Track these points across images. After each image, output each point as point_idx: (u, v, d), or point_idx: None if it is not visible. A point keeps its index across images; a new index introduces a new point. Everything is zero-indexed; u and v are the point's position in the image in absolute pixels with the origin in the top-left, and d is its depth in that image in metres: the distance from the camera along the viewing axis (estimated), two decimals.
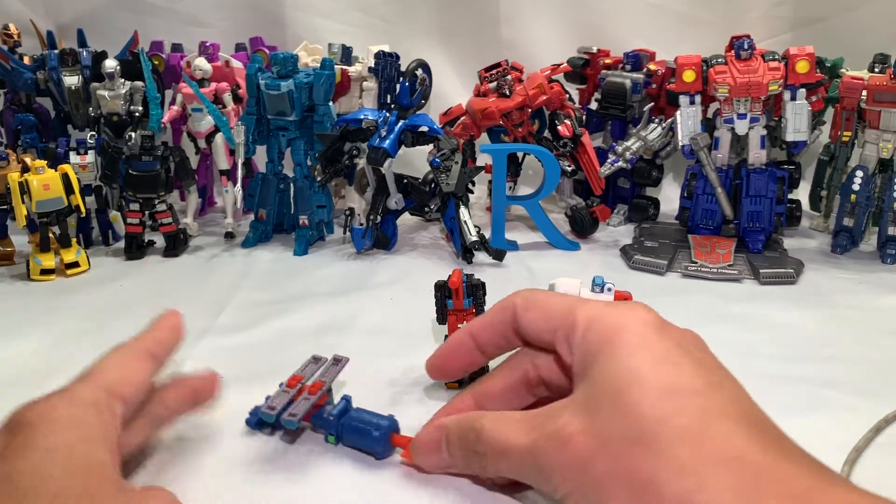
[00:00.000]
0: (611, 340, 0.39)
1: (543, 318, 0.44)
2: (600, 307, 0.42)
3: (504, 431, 0.41)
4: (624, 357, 0.37)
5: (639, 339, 0.38)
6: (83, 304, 0.85)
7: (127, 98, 1.07)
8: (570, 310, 0.42)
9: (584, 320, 0.41)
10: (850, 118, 1.01)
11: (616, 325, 0.39)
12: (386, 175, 0.98)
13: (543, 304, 0.45)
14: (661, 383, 0.36)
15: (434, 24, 1.36)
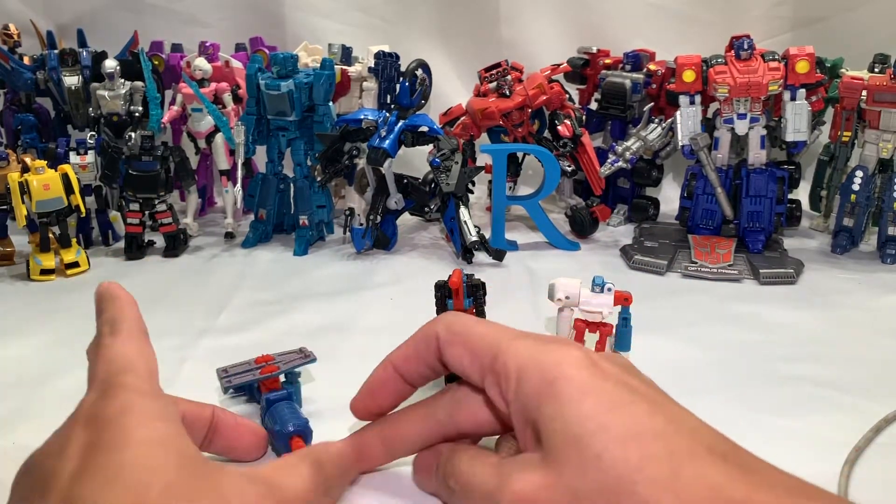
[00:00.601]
0: (551, 389, 0.37)
1: (469, 357, 0.42)
2: (527, 349, 0.39)
3: (474, 475, 0.40)
4: (574, 406, 0.36)
5: (580, 384, 0.37)
6: (83, 304, 0.85)
7: (127, 98, 1.07)
8: (495, 353, 0.40)
9: (514, 370, 0.39)
10: (849, 118, 1.01)
11: (551, 371, 0.37)
12: (386, 175, 0.98)
13: (466, 339, 0.42)
14: (622, 429, 0.34)
15: (434, 24, 1.36)
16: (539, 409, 0.37)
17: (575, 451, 0.34)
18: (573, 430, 0.35)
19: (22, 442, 0.55)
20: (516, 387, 0.38)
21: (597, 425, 0.35)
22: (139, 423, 0.35)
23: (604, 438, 0.34)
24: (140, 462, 0.34)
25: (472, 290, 0.61)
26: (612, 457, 0.33)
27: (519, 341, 0.40)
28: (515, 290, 0.87)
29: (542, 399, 0.37)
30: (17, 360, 0.71)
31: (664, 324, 0.75)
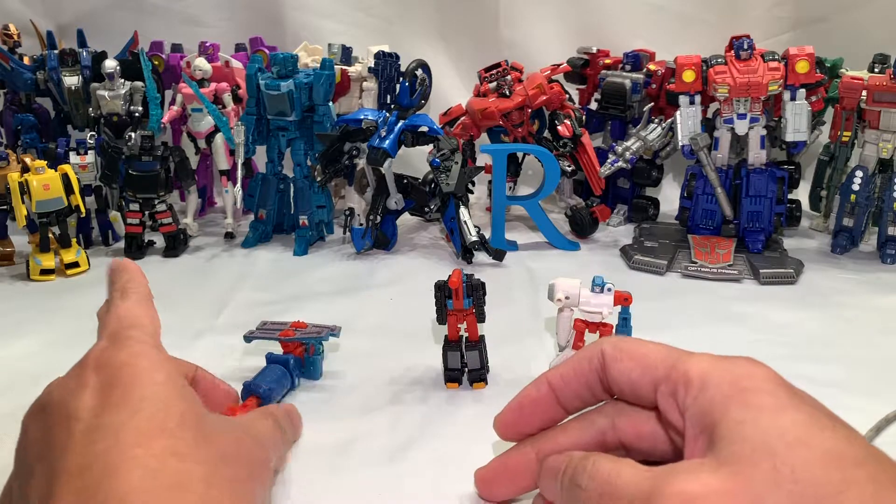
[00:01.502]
0: (744, 396, 0.35)
1: (640, 370, 0.40)
2: (712, 360, 0.38)
3: (620, 472, 0.36)
4: (770, 415, 0.34)
5: (778, 396, 0.35)
6: (83, 304, 0.85)
7: (127, 98, 1.07)
8: (673, 362, 0.39)
9: (698, 376, 0.37)
10: (849, 118, 1.01)
11: (743, 380, 0.36)
12: (386, 175, 0.98)
13: (638, 353, 0.41)
14: (823, 449, 0.32)
15: (434, 24, 1.36)
16: (725, 413, 0.35)
17: (767, 461, 0.32)
18: (768, 441, 0.33)
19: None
20: (698, 392, 0.37)
21: (795, 439, 0.33)
22: (151, 367, 0.40)
23: (803, 454, 0.32)
24: (157, 396, 0.39)
25: (472, 290, 0.61)
26: (812, 475, 0.32)
27: (700, 356, 0.39)
28: (515, 290, 0.87)
29: (732, 404, 0.35)
30: (17, 360, 0.71)
31: (664, 324, 0.75)
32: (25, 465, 0.39)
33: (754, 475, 0.32)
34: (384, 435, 0.56)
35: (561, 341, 0.63)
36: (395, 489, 0.49)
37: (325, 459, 0.52)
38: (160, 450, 0.36)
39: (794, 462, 0.32)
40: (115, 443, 0.36)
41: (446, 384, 0.63)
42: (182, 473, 0.36)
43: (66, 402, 0.39)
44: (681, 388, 0.38)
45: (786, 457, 0.32)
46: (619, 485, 0.36)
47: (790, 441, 0.33)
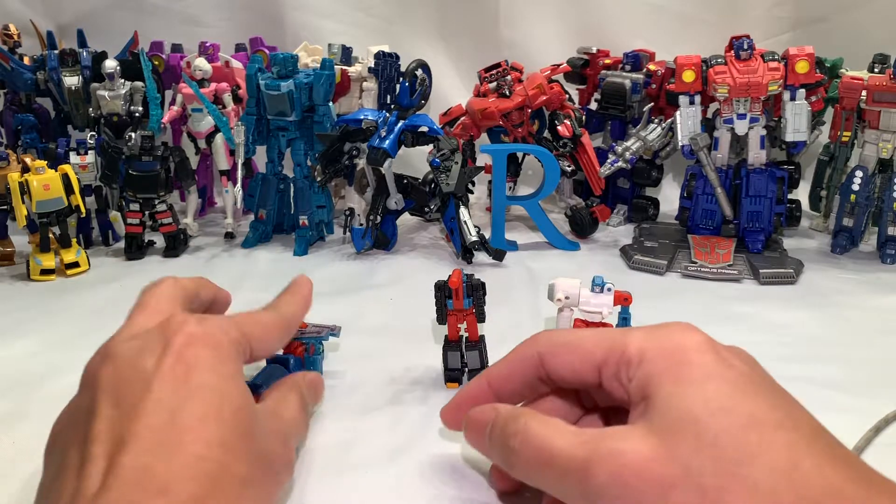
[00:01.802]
0: (674, 369, 0.37)
1: (579, 360, 0.42)
2: (646, 334, 0.40)
3: (551, 436, 0.38)
4: (696, 387, 0.36)
5: (704, 367, 0.37)
6: (83, 304, 0.85)
7: (127, 98, 1.07)
8: (610, 344, 0.41)
9: (636, 352, 0.39)
10: (849, 118, 1.01)
11: (673, 352, 0.38)
12: (386, 175, 0.98)
13: (575, 345, 0.43)
14: (743, 415, 0.35)
15: (434, 24, 1.36)
16: (659, 386, 0.37)
17: (692, 430, 0.35)
18: (693, 410, 0.35)
19: (21, 442, 0.56)
20: (636, 368, 0.39)
21: (718, 407, 0.35)
22: (218, 356, 0.41)
23: (724, 421, 0.34)
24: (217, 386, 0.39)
25: (472, 290, 0.61)
26: (732, 440, 0.34)
27: (635, 331, 0.41)
28: (515, 290, 0.87)
29: (665, 378, 0.37)
30: (17, 360, 0.71)
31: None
32: (86, 406, 0.39)
33: (680, 442, 0.34)
34: (384, 435, 0.56)
35: None
36: (396, 489, 0.49)
37: (326, 459, 0.52)
38: (210, 437, 0.37)
39: (716, 428, 0.34)
40: (173, 420, 0.36)
41: (446, 384, 0.63)
42: (224, 466, 0.36)
43: (143, 362, 0.39)
44: (622, 368, 0.40)
45: (708, 424, 0.34)
46: (553, 453, 0.38)
47: (713, 409, 0.35)
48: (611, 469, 0.35)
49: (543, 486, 0.40)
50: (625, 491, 0.35)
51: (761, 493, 0.32)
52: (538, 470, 0.39)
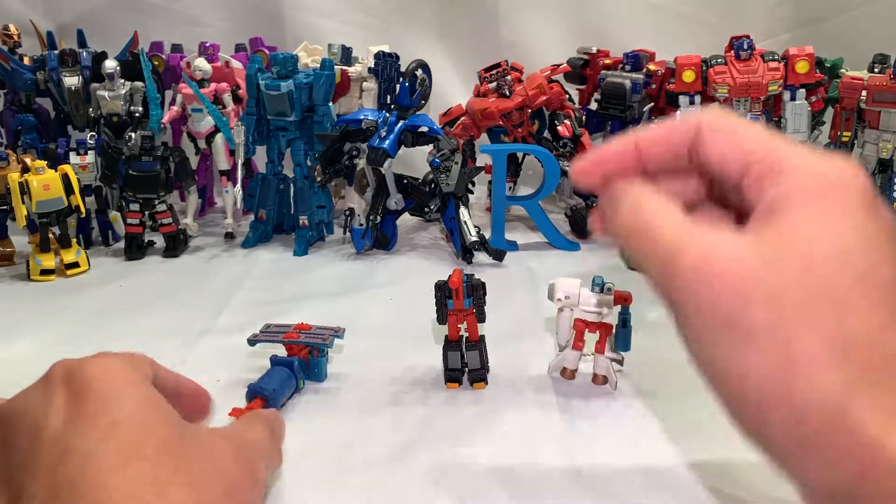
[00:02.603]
0: (817, 198, 0.33)
1: (735, 147, 0.37)
2: (808, 156, 0.35)
3: (663, 220, 0.35)
4: (820, 224, 0.32)
5: (843, 209, 0.33)
6: (83, 304, 0.85)
7: (127, 98, 1.07)
8: (774, 147, 0.36)
9: (792, 165, 0.34)
10: (849, 118, 1.01)
11: (825, 177, 0.34)
12: (386, 175, 0.98)
13: (739, 131, 0.37)
14: (860, 271, 0.31)
15: (434, 25, 1.36)
16: (791, 207, 0.33)
17: (801, 260, 0.31)
18: (812, 242, 0.32)
19: None
20: (784, 179, 0.35)
21: (840, 250, 0.32)
22: (126, 381, 0.37)
23: (837, 268, 0.31)
24: (134, 417, 0.35)
25: (473, 290, 0.61)
26: (835, 287, 0.31)
27: (800, 146, 0.36)
28: (515, 290, 0.87)
29: (802, 201, 0.33)
30: (17, 360, 0.71)
31: (664, 324, 0.74)
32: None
33: (783, 265, 0.31)
34: (385, 435, 0.56)
35: (561, 341, 0.63)
36: (397, 489, 0.49)
37: (326, 459, 0.52)
38: (137, 476, 0.33)
39: (824, 270, 0.31)
40: (86, 466, 0.33)
41: (447, 384, 0.63)
42: (163, 500, 0.33)
43: (33, 413, 0.36)
44: (771, 173, 0.35)
45: (819, 261, 0.31)
46: (656, 231, 0.35)
47: (833, 251, 0.31)
48: (699, 256, 0.32)
49: (636, 253, 0.37)
50: (702, 287, 0.32)
51: (838, 343, 0.29)
52: (636, 237, 0.36)
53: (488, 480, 0.49)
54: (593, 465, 0.52)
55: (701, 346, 0.34)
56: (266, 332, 0.65)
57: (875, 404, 0.28)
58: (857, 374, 0.29)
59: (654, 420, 0.57)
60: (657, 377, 0.64)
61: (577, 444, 0.54)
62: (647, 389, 0.62)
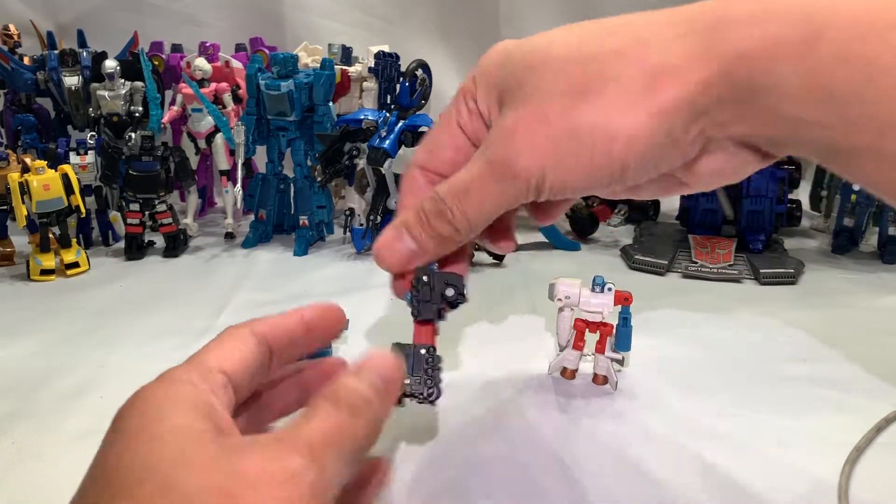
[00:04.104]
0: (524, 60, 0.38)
1: (447, 127, 0.40)
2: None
3: (456, 178, 0.37)
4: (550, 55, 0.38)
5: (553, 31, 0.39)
6: (83, 304, 0.85)
7: (127, 98, 1.07)
8: (462, 87, 0.40)
9: (484, 67, 0.39)
10: None
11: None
12: (386, 175, 0.97)
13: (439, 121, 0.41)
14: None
15: (434, 24, 1.36)
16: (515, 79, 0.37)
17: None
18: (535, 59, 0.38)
19: (20, 442, 0.56)
20: (487, 71, 0.38)
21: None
22: (147, 422, 0.29)
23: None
24: (141, 461, 0.27)
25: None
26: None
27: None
28: (515, 290, 0.86)
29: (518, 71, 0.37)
30: (17, 360, 0.71)
31: (664, 324, 0.74)
32: None
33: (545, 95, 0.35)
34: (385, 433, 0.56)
35: (561, 341, 0.63)
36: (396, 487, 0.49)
37: None
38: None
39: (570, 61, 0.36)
40: None
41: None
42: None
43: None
44: (469, 103, 0.39)
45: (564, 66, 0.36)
46: (465, 179, 0.37)
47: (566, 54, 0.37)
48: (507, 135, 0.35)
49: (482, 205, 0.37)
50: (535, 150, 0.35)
51: None
52: (468, 198, 0.37)
53: (488, 480, 0.49)
54: (594, 465, 0.52)
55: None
56: None
57: None
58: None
59: (654, 420, 0.57)
60: (657, 377, 0.64)
61: (577, 444, 0.54)
62: (647, 390, 0.62)
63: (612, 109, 0.32)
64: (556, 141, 0.33)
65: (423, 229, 0.38)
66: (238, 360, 0.33)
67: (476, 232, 0.38)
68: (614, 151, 0.32)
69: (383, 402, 0.32)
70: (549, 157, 0.33)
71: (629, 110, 0.32)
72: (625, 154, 0.32)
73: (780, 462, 0.52)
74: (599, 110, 0.32)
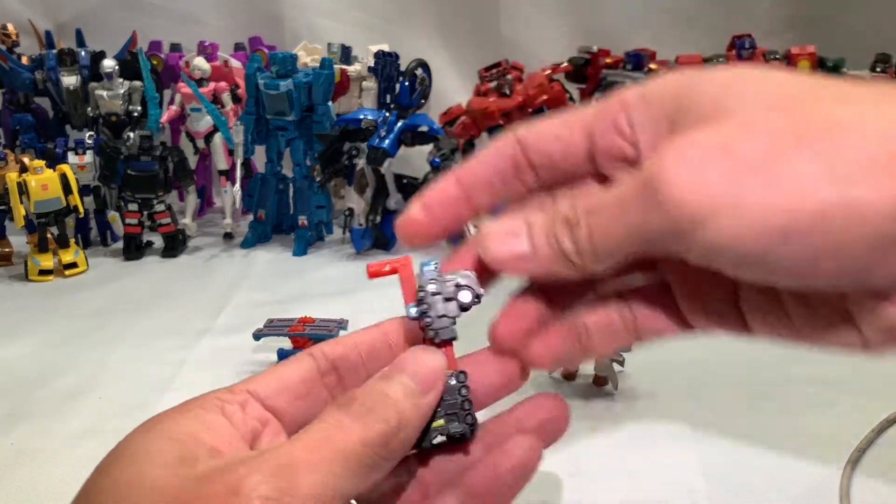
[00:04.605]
0: (699, 77, 0.28)
1: (564, 126, 0.31)
2: (647, 83, 0.31)
3: (601, 192, 0.28)
4: (754, 77, 0.28)
5: (754, 71, 0.28)
6: (82, 304, 0.85)
7: (125, 98, 1.06)
8: (602, 103, 0.31)
9: (636, 95, 0.30)
10: None
11: (697, 73, 0.29)
12: (385, 175, 0.97)
13: (557, 118, 0.32)
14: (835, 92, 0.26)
15: (434, 24, 1.35)
16: (689, 96, 0.28)
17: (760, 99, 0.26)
18: (754, 89, 0.27)
19: (20, 443, 0.55)
20: (640, 106, 0.29)
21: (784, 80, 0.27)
22: (130, 462, 0.28)
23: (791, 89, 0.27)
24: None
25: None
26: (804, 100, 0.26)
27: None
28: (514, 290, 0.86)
29: (693, 87, 0.28)
30: (16, 360, 0.71)
31: None
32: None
33: (748, 111, 0.26)
34: None
35: None
36: None
37: None
38: None
39: (786, 92, 0.26)
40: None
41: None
42: None
43: None
44: (620, 116, 0.30)
45: (778, 89, 0.26)
46: (611, 199, 0.27)
47: (780, 81, 0.27)
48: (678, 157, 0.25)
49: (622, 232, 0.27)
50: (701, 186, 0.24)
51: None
52: (604, 216, 0.27)
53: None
54: (594, 465, 0.51)
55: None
56: (270, 326, 0.66)
57: None
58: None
59: (655, 421, 0.57)
60: (658, 378, 0.63)
61: (577, 444, 0.54)
62: (648, 390, 0.61)
63: (846, 170, 0.23)
64: (742, 178, 0.24)
65: (546, 233, 0.30)
66: (275, 377, 0.31)
67: (598, 266, 0.28)
68: (853, 229, 0.23)
69: (416, 405, 0.29)
70: (724, 195, 0.24)
71: (876, 184, 0.23)
72: (875, 239, 0.23)
73: (780, 462, 0.52)
74: (826, 165, 0.23)
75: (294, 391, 0.31)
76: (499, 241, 0.32)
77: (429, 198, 0.35)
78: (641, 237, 0.26)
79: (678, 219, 0.24)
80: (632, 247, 0.27)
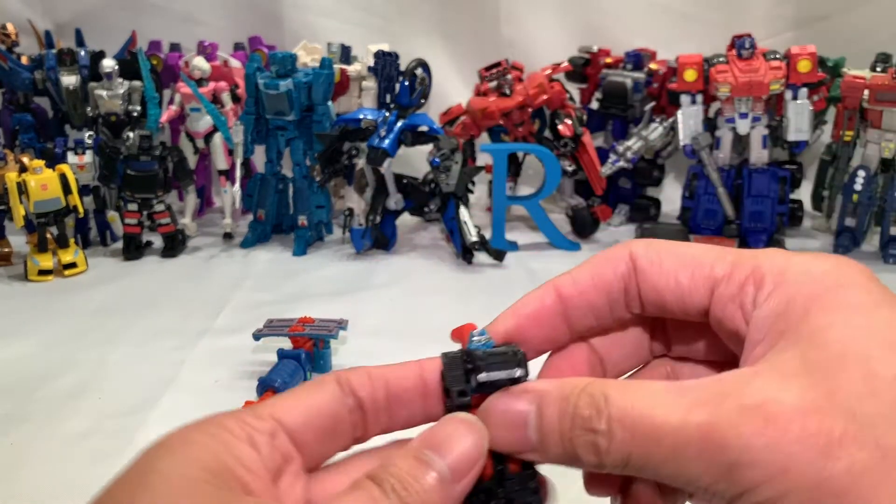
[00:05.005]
0: (830, 294, 0.28)
1: (689, 271, 0.30)
2: (786, 256, 0.29)
3: (646, 403, 0.26)
4: (865, 315, 0.27)
5: (872, 294, 0.28)
6: (81, 304, 0.85)
7: (125, 98, 1.06)
8: (735, 259, 0.29)
9: (772, 271, 0.28)
10: (851, 118, 1.01)
11: (825, 277, 0.28)
12: (385, 175, 0.97)
13: (683, 253, 0.30)
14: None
15: (434, 24, 1.35)
16: (808, 314, 0.27)
17: (860, 369, 0.25)
18: (860, 343, 0.26)
19: (19, 442, 0.55)
20: (774, 290, 0.28)
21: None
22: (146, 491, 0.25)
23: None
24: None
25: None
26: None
27: (770, 250, 0.30)
28: (515, 290, 0.86)
29: (817, 304, 0.27)
30: (15, 360, 0.71)
31: None
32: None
33: (844, 385, 0.25)
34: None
35: None
36: None
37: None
38: None
39: (894, 367, 0.25)
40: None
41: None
42: None
43: None
44: (749, 288, 0.28)
45: (883, 361, 0.25)
46: (657, 424, 0.25)
47: (889, 342, 0.26)
48: (750, 432, 0.24)
49: (654, 474, 0.26)
50: (775, 457, 0.24)
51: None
52: (641, 451, 0.25)
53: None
54: None
55: None
56: (270, 326, 0.66)
57: None
58: None
59: None
60: None
61: None
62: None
63: None
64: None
65: (558, 433, 0.27)
66: (303, 408, 0.29)
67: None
68: None
69: (448, 492, 0.27)
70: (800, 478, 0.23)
71: None
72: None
73: None
74: None
75: (321, 426, 0.29)
76: (501, 428, 0.29)
77: (517, 314, 0.34)
78: (687, 482, 0.25)
79: (740, 484, 0.24)
80: (667, 481, 0.26)
